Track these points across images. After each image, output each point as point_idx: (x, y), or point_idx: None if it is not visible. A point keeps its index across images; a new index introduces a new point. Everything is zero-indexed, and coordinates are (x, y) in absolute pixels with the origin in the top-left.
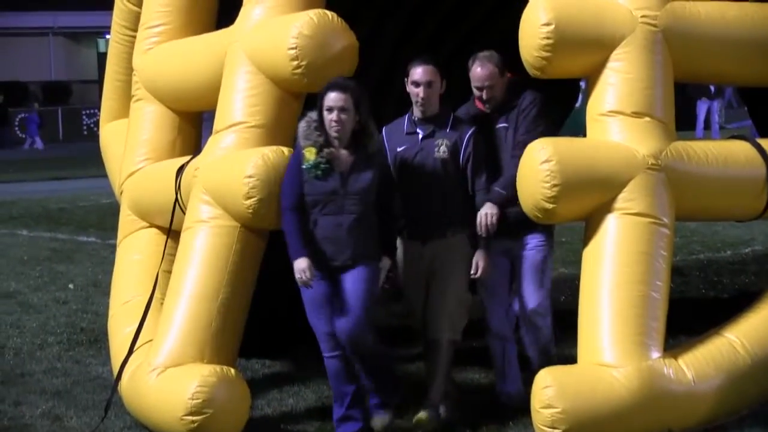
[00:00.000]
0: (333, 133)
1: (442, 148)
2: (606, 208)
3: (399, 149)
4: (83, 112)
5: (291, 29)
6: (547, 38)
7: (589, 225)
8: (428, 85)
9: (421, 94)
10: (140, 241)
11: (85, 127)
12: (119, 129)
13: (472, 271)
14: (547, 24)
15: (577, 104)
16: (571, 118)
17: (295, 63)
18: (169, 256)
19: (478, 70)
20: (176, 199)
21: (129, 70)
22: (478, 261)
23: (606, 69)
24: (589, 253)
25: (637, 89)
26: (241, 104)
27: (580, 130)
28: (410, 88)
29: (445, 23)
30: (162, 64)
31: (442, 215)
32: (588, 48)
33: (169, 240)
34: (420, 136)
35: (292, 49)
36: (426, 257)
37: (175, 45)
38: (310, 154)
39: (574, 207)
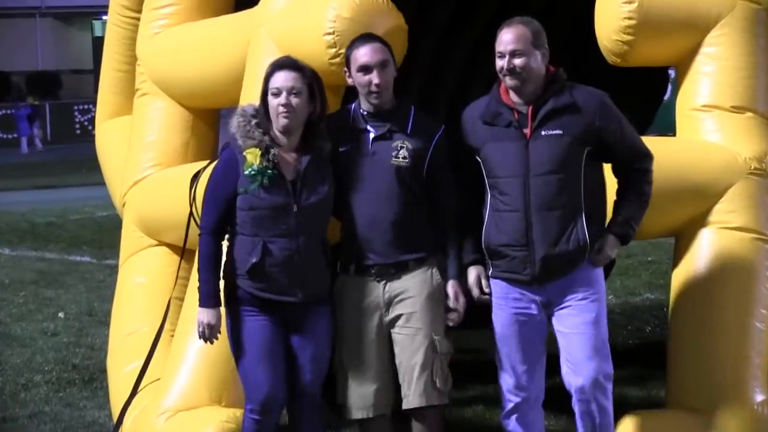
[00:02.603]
0: (281, 121)
1: (401, 153)
2: (700, 221)
3: (341, 149)
4: (75, 108)
5: (327, 11)
6: (630, 18)
7: (680, 241)
8: (382, 66)
9: (376, 80)
10: (147, 261)
11: (77, 125)
12: (119, 128)
13: (450, 304)
14: (630, 2)
15: (666, 97)
16: (659, 114)
17: (333, 51)
18: (181, 280)
19: (505, 34)
20: (191, 213)
21: (131, 58)
22: (454, 291)
23: (699, 55)
24: (680, 275)
25: (737, 79)
26: None
27: (668, 129)
28: (358, 77)
29: (504, 4)
30: (172, 52)
31: (399, 241)
32: (678, 30)
33: (182, 261)
34: (371, 135)
35: (329, 34)
36: (383, 300)
37: (188, 29)
38: (253, 157)
39: (663, 220)
